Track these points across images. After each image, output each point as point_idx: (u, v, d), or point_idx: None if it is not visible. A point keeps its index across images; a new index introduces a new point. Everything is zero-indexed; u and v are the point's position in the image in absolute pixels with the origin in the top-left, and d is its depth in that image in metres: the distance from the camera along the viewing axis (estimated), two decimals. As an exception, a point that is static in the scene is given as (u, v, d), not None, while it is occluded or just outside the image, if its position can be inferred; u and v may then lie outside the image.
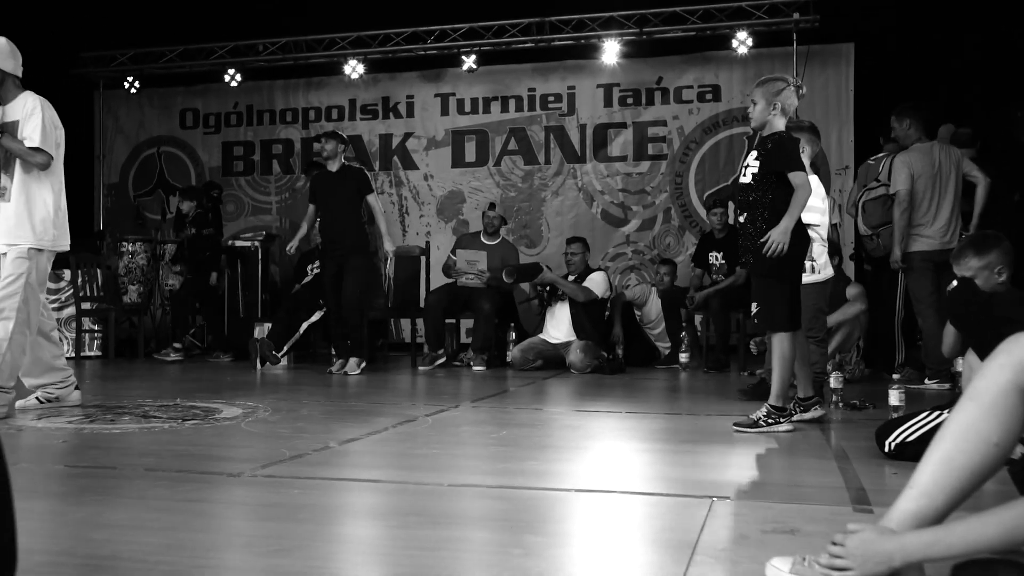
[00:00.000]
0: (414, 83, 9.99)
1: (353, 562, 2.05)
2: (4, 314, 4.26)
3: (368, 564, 2.04)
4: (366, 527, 2.37)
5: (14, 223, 4.36)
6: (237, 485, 2.80)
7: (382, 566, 2.00)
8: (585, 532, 2.39)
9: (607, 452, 3.71)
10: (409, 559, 2.02)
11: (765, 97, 4.00)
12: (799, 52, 8.51)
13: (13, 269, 4.32)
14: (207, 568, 1.93)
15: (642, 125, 9.44)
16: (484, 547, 2.19)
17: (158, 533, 2.26)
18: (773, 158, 3.95)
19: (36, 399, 4.64)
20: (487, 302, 7.44)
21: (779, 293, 3.96)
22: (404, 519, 2.40)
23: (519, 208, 9.64)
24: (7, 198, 4.38)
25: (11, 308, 4.27)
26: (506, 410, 4.97)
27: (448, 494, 2.75)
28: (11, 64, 4.41)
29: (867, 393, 5.06)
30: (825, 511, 2.47)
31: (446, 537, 2.26)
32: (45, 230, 4.42)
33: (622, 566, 2.02)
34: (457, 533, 2.33)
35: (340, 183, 6.94)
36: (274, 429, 4.01)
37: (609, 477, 3.13)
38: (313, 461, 3.23)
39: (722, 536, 2.19)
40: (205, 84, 10.33)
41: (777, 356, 3.93)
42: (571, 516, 2.55)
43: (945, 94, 7.90)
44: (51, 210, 4.44)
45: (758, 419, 3.90)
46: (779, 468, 3.30)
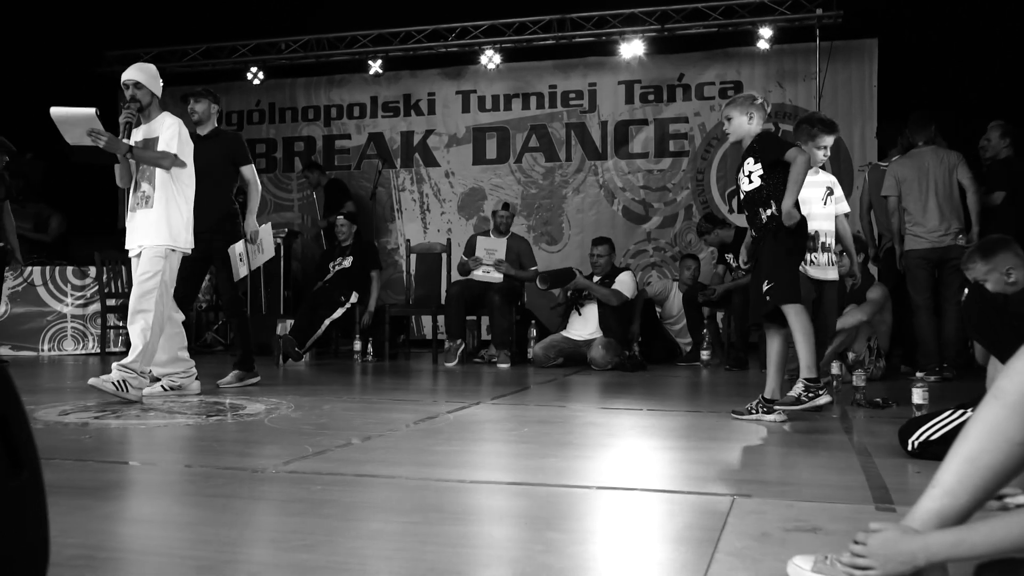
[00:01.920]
0: (435, 80, 10.02)
1: (377, 557, 2.07)
2: (143, 307, 4.84)
3: (391, 559, 2.05)
4: (389, 523, 2.39)
5: (153, 226, 4.92)
6: (262, 481, 2.82)
7: (405, 561, 2.02)
8: (607, 529, 2.39)
9: (628, 449, 3.71)
10: (432, 555, 2.03)
11: (737, 111, 4.31)
12: (822, 48, 8.46)
13: (150, 267, 4.88)
14: (235, 563, 1.96)
15: (663, 122, 9.43)
16: (506, 543, 2.20)
17: (186, 528, 2.28)
18: (766, 151, 4.18)
19: (161, 387, 5.17)
20: (496, 294, 7.45)
21: (787, 267, 4.13)
22: (426, 515, 2.41)
23: (540, 205, 9.65)
24: (150, 204, 4.94)
25: (150, 302, 4.84)
26: (527, 407, 4.98)
27: (470, 491, 2.77)
28: (158, 87, 5.06)
29: (890, 391, 5.03)
30: (847, 510, 2.46)
31: (468, 533, 2.27)
32: (179, 233, 4.98)
33: (644, 563, 2.02)
34: (479, 529, 2.34)
35: (209, 150, 5.63)
36: (297, 425, 4.04)
37: (630, 474, 3.13)
38: (336, 457, 3.25)
39: (744, 534, 2.19)
40: (228, 82, 10.40)
41: (798, 330, 4.06)
42: (593, 513, 2.55)
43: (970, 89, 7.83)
44: (185, 216, 5.00)
45: (798, 395, 4.04)
46: (801, 466, 3.29)
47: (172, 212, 4.96)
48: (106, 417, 4.24)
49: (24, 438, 1.43)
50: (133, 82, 4.99)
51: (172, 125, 4.97)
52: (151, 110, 5.05)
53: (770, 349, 4.31)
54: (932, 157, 6.40)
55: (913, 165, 6.42)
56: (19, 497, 1.42)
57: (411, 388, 6.09)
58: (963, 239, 6.24)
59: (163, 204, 4.94)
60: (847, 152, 8.81)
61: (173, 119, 5.02)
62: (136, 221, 5.01)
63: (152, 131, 5.02)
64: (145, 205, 4.97)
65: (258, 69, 9.84)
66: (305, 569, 1.90)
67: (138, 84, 4.98)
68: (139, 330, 4.84)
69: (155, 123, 5.02)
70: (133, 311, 4.89)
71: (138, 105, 5.00)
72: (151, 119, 5.04)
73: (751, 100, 4.34)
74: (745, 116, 4.29)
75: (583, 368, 7.09)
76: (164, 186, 4.95)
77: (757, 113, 4.29)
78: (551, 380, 6.34)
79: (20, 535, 1.42)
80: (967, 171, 6.34)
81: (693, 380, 6.53)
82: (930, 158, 6.40)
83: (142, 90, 4.99)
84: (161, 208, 4.94)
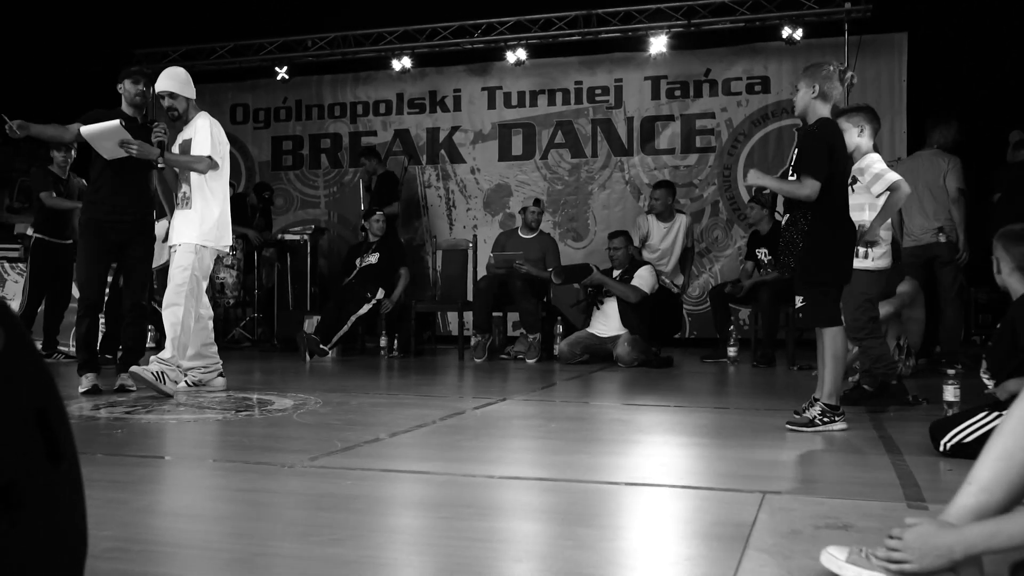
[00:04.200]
0: (461, 77, 10.03)
1: (407, 551, 2.08)
2: (175, 300, 4.96)
3: (421, 554, 2.06)
4: (418, 518, 2.40)
5: (187, 224, 5.06)
6: (291, 475, 2.84)
7: (435, 556, 2.03)
8: (636, 525, 2.39)
9: (656, 446, 3.70)
10: (463, 550, 2.04)
11: (806, 82, 3.91)
12: (850, 42, 8.37)
13: (182, 262, 5.00)
14: (267, 555, 1.97)
15: (690, 117, 9.38)
16: (536, 539, 2.20)
17: (218, 521, 2.31)
18: (801, 158, 3.84)
19: (185, 382, 5.17)
20: (520, 280, 7.46)
21: (821, 293, 3.86)
22: (456, 510, 2.42)
23: (566, 201, 9.64)
24: (189, 205, 5.08)
25: (180, 296, 4.96)
26: (554, 403, 4.98)
27: (499, 486, 2.77)
28: (191, 91, 5.13)
29: (920, 389, 4.98)
30: (879, 507, 2.45)
31: (498, 528, 2.28)
32: (210, 230, 5.07)
33: (674, 559, 2.02)
34: (509, 525, 2.35)
35: (142, 135, 4.99)
36: (325, 421, 4.07)
37: (659, 471, 3.13)
38: (364, 453, 3.27)
39: (774, 531, 2.18)
40: (254, 80, 10.47)
41: (829, 354, 3.81)
42: (622, 509, 2.55)
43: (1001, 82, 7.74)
44: (217, 214, 5.09)
45: (813, 418, 3.80)
46: (831, 463, 3.27)
47: (205, 211, 5.07)
48: (137, 412, 4.28)
49: (63, 431, 1.44)
50: (167, 92, 5.04)
51: (204, 127, 5.05)
52: (188, 114, 5.14)
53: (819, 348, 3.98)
54: (927, 161, 6.73)
55: (908, 168, 6.63)
56: (59, 489, 1.44)
57: (437, 384, 6.10)
58: (943, 236, 6.60)
59: (199, 203, 5.06)
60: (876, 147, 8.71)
61: (205, 120, 5.10)
62: (176, 220, 5.17)
63: (187, 133, 5.14)
64: (185, 205, 5.12)
65: (285, 67, 9.89)
66: (337, 563, 1.91)
67: (172, 94, 5.05)
68: (171, 323, 4.96)
69: (190, 126, 5.14)
70: (166, 305, 5.01)
71: (175, 114, 5.10)
72: (188, 121, 5.15)
73: (822, 74, 3.88)
74: (810, 90, 3.89)
75: (609, 365, 7.08)
76: (199, 186, 5.07)
77: (821, 89, 3.86)
78: (577, 377, 6.33)
79: (60, 526, 1.44)
80: (956, 177, 6.61)
81: (720, 377, 6.51)
82: (925, 162, 6.73)
83: (177, 99, 5.07)
84: (197, 207, 5.07)
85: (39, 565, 1.38)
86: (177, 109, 5.07)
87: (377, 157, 9.48)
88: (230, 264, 9.23)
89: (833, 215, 3.87)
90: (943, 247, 6.60)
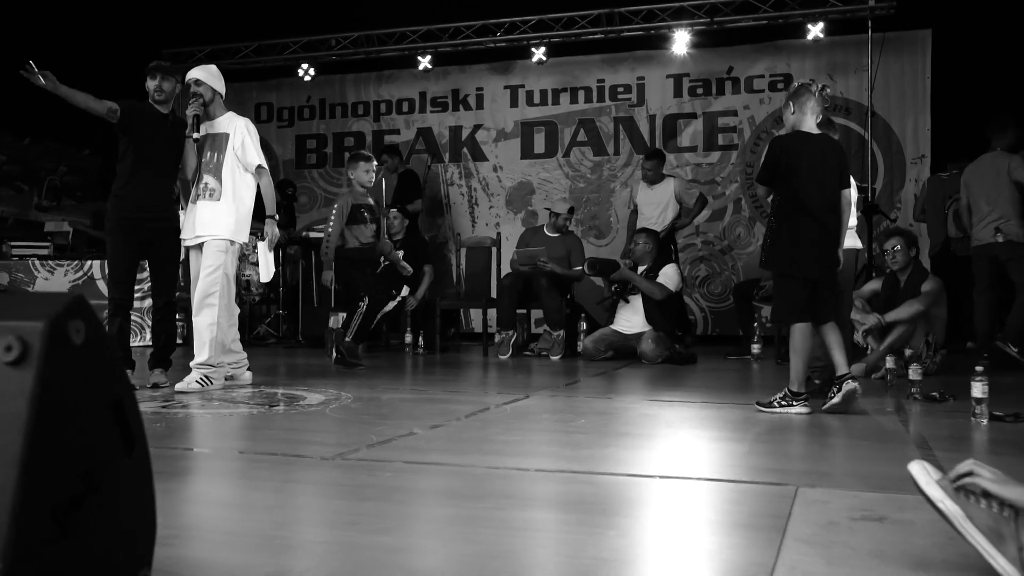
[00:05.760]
0: (484, 75, 10.09)
1: (453, 539, 2.13)
2: (210, 300, 5.02)
3: (468, 542, 2.11)
4: (459, 508, 2.45)
5: (218, 219, 5.07)
6: (330, 468, 2.90)
7: (479, 544, 2.07)
8: (673, 516, 2.43)
9: (686, 440, 3.74)
10: (507, 538, 2.09)
11: (786, 103, 4.44)
12: (874, 39, 8.37)
13: (213, 260, 5.03)
14: (316, 543, 2.03)
15: (712, 115, 9.40)
16: (578, 528, 2.25)
17: (265, 511, 2.37)
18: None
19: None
20: (544, 278, 7.51)
21: (779, 289, 4.38)
22: (497, 501, 2.47)
23: (588, 199, 9.68)
24: (216, 197, 5.09)
25: (215, 295, 5.02)
26: (581, 399, 5.03)
27: (535, 479, 2.82)
28: (220, 85, 5.25)
29: (945, 386, 5.00)
30: (913, 500, 2.44)
31: (539, 518, 2.33)
32: (240, 226, 5.16)
33: (715, 547, 2.06)
34: (549, 515, 2.40)
35: (168, 130, 5.15)
36: (358, 415, 4.13)
37: (690, 464, 3.17)
38: (400, 446, 3.33)
39: (811, 522, 2.22)
40: (279, 79, 10.57)
41: (790, 346, 4.31)
42: (658, 500, 2.59)
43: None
44: (245, 209, 5.18)
45: (771, 400, 4.26)
46: (862, 458, 3.30)
47: (239, 205, 5.15)
48: (173, 407, 4.36)
49: (135, 420, 1.51)
50: (195, 79, 5.20)
51: (242, 129, 5.16)
52: (213, 107, 5.22)
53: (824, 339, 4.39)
54: (990, 162, 6.79)
55: (974, 169, 6.85)
56: (132, 474, 1.50)
57: (464, 380, 6.16)
58: (1001, 236, 6.65)
59: (230, 197, 5.10)
60: (899, 144, 8.73)
61: (242, 120, 5.22)
62: (197, 212, 5.13)
63: (216, 127, 5.19)
64: (209, 197, 5.11)
65: (309, 66, 9.97)
66: (386, 550, 1.97)
67: (198, 81, 5.18)
68: (206, 324, 5.01)
69: (220, 120, 5.21)
70: (199, 304, 5.04)
71: (200, 100, 5.16)
72: (214, 116, 5.22)
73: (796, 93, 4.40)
74: (788, 110, 4.42)
75: (633, 361, 7.12)
76: (232, 179, 5.12)
77: (795, 106, 4.37)
78: (602, 373, 6.38)
79: (133, 509, 1.51)
80: (1021, 168, 6.64)
81: (744, 374, 6.53)
82: (988, 163, 6.80)
83: (202, 86, 5.17)
84: (228, 201, 5.11)
85: (117, 545, 1.45)
86: (202, 96, 5.15)
87: (399, 155, 9.55)
88: (256, 262, 9.33)
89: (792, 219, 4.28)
90: (1001, 247, 6.68)
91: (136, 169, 5.09)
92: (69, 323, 1.34)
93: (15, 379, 1.28)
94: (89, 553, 1.38)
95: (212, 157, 5.15)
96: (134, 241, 5.10)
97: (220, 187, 5.11)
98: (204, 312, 5.02)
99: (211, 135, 5.17)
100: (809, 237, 4.27)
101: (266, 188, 5.26)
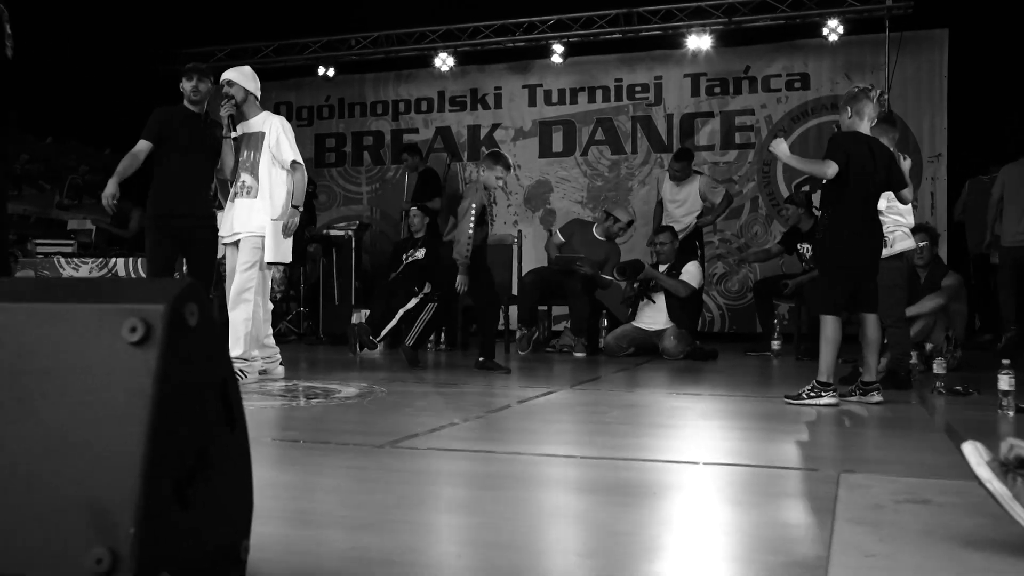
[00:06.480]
0: (502, 75, 10.17)
1: (528, 518, 2.21)
2: (245, 296, 5.13)
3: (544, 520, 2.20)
4: (522, 492, 2.52)
5: (254, 215, 5.17)
6: (384, 455, 2.98)
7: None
8: (725, 498, 2.51)
9: (720, 430, 3.83)
10: (580, 517, 2.18)
11: (842, 108, 4.53)
12: (891, 39, 8.43)
13: (249, 257, 5.13)
14: (393, 522, 2.11)
15: (729, 114, 9.48)
16: (638, 510, 2.33)
17: (338, 494, 2.45)
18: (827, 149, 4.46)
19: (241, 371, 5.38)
20: (578, 283, 7.58)
21: (829, 281, 4.46)
22: (556, 485, 2.57)
23: (605, 197, 9.75)
24: (253, 195, 5.20)
25: (250, 291, 5.13)
26: (609, 393, 5.11)
27: (585, 465, 2.90)
28: (253, 86, 5.34)
29: (966, 380, 5.06)
30: (954, 485, 2.55)
31: (603, 501, 2.41)
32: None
33: (771, 524, 2.14)
34: (612, 499, 2.47)
35: (204, 131, 5.31)
36: (396, 407, 4.22)
37: (730, 452, 3.25)
38: (445, 435, 3.41)
39: (858, 504, 2.30)
40: (298, 78, 10.66)
41: (822, 337, 4.37)
42: (708, 485, 2.67)
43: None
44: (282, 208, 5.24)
45: (800, 392, 4.32)
46: (897, 447, 3.38)
47: (275, 203, 5.22)
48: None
49: (236, 398, 1.60)
50: (227, 80, 5.29)
51: (277, 127, 5.23)
52: (247, 107, 5.30)
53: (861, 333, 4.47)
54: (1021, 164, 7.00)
55: (1014, 170, 7.03)
56: (234, 451, 1.59)
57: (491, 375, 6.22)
58: None
59: (267, 194, 5.20)
60: (916, 143, 8.79)
61: (278, 119, 5.32)
62: (235, 210, 5.25)
63: (251, 126, 5.29)
64: (246, 195, 5.22)
65: (329, 65, 10.06)
66: (458, 528, 2.06)
67: (230, 82, 5.27)
68: (242, 318, 5.11)
69: (255, 120, 5.30)
70: (235, 299, 5.15)
71: (232, 101, 5.25)
72: (249, 116, 5.31)
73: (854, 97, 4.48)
74: (844, 114, 4.49)
75: (654, 358, 7.20)
76: (269, 177, 5.21)
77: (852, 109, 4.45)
78: (624, 369, 6.46)
79: (236, 485, 1.60)
80: None
81: (764, 369, 6.61)
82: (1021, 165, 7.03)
83: (234, 87, 5.26)
84: (265, 198, 5.20)
85: (223, 518, 1.54)
86: (234, 97, 5.23)
87: (419, 154, 9.64)
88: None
89: (844, 214, 4.36)
90: None
91: (170, 170, 5.22)
92: (185, 306, 1.43)
93: (139, 358, 1.36)
94: (202, 525, 1.46)
95: (249, 156, 5.25)
96: (169, 238, 5.22)
97: (257, 185, 5.20)
98: (240, 307, 5.13)
99: (247, 134, 5.27)
100: (864, 231, 4.39)
101: (298, 181, 5.31)
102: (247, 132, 5.28)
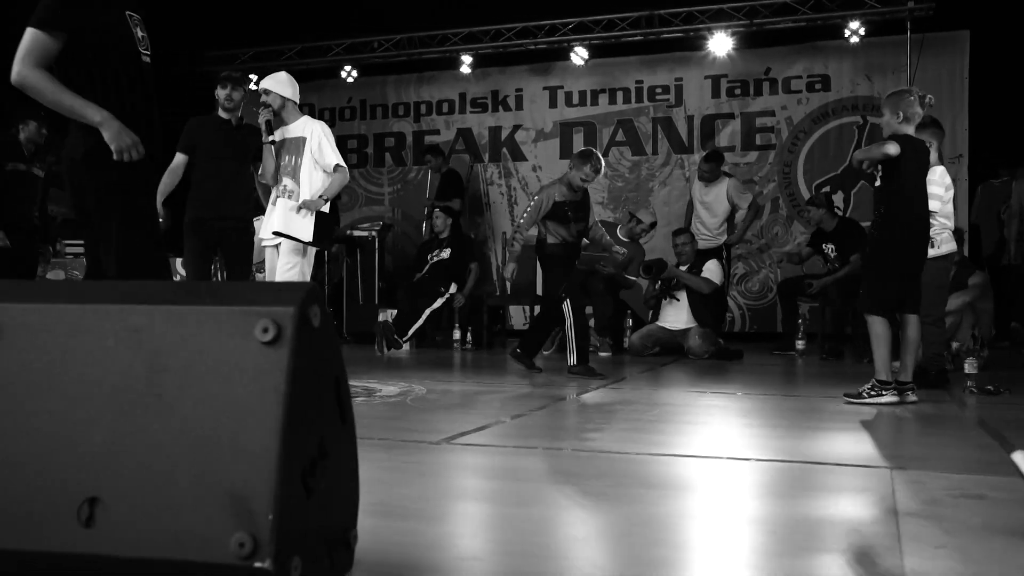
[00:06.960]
0: (523, 76, 10.25)
1: (595, 511, 2.29)
2: None
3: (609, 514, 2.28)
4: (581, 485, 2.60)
5: (296, 219, 5.15)
6: (439, 452, 3.07)
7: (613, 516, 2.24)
8: (787, 493, 2.57)
9: (763, 428, 3.88)
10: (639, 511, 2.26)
11: (890, 108, 4.47)
12: (913, 40, 8.49)
13: (290, 259, 5.17)
14: (458, 514, 2.20)
15: (750, 116, 9.54)
16: (715, 499, 2.41)
17: (399, 486, 2.53)
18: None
19: None
20: (601, 283, 7.66)
21: (870, 279, 4.50)
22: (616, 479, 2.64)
23: (626, 198, 9.83)
24: (295, 199, 5.19)
25: None
26: (643, 392, 5.18)
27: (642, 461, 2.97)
28: (290, 92, 5.33)
29: (995, 379, 5.12)
30: (1005, 482, 2.61)
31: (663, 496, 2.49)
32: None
33: (838, 519, 2.22)
34: (677, 492, 2.55)
35: (236, 136, 5.52)
36: (439, 405, 4.31)
37: (780, 450, 3.30)
38: (495, 433, 3.50)
39: (916, 498, 2.37)
40: (321, 80, 10.74)
41: (872, 337, 4.40)
42: (767, 481, 2.73)
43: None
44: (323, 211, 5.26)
45: (861, 391, 4.35)
46: (941, 444, 3.45)
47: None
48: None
49: (347, 394, 1.69)
50: (263, 89, 5.36)
51: (318, 132, 5.24)
52: (286, 113, 5.34)
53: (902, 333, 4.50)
54: None
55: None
56: (346, 443, 1.68)
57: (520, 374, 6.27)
58: None
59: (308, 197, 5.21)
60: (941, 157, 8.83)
61: (319, 125, 5.32)
62: (277, 212, 5.27)
63: (291, 132, 5.32)
64: (288, 198, 5.26)
65: (351, 67, 10.15)
66: (529, 520, 2.14)
67: (267, 91, 5.33)
68: None
69: (295, 125, 5.30)
70: None
71: (270, 109, 5.31)
72: (288, 122, 5.35)
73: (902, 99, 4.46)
74: (894, 116, 4.45)
75: (679, 357, 7.27)
76: (310, 181, 5.24)
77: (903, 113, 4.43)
78: (650, 369, 6.53)
79: (346, 474, 1.68)
80: None
81: (791, 369, 6.68)
82: None
83: (271, 95, 5.31)
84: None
85: (337, 507, 1.63)
86: (272, 105, 5.29)
87: (442, 155, 9.74)
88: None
89: (896, 214, 4.38)
90: None
91: (204, 175, 5.39)
92: (310, 308, 1.51)
93: (272, 357, 1.45)
94: (321, 514, 1.55)
95: (290, 160, 5.30)
96: (204, 241, 5.38)
97: (298, 188, 5.24)
98: None
99: (288, 139, 5.31)
100: (916, 231, 4.45)
101: (336, 179, 5.31)
102: (287, 137, 5.33)
